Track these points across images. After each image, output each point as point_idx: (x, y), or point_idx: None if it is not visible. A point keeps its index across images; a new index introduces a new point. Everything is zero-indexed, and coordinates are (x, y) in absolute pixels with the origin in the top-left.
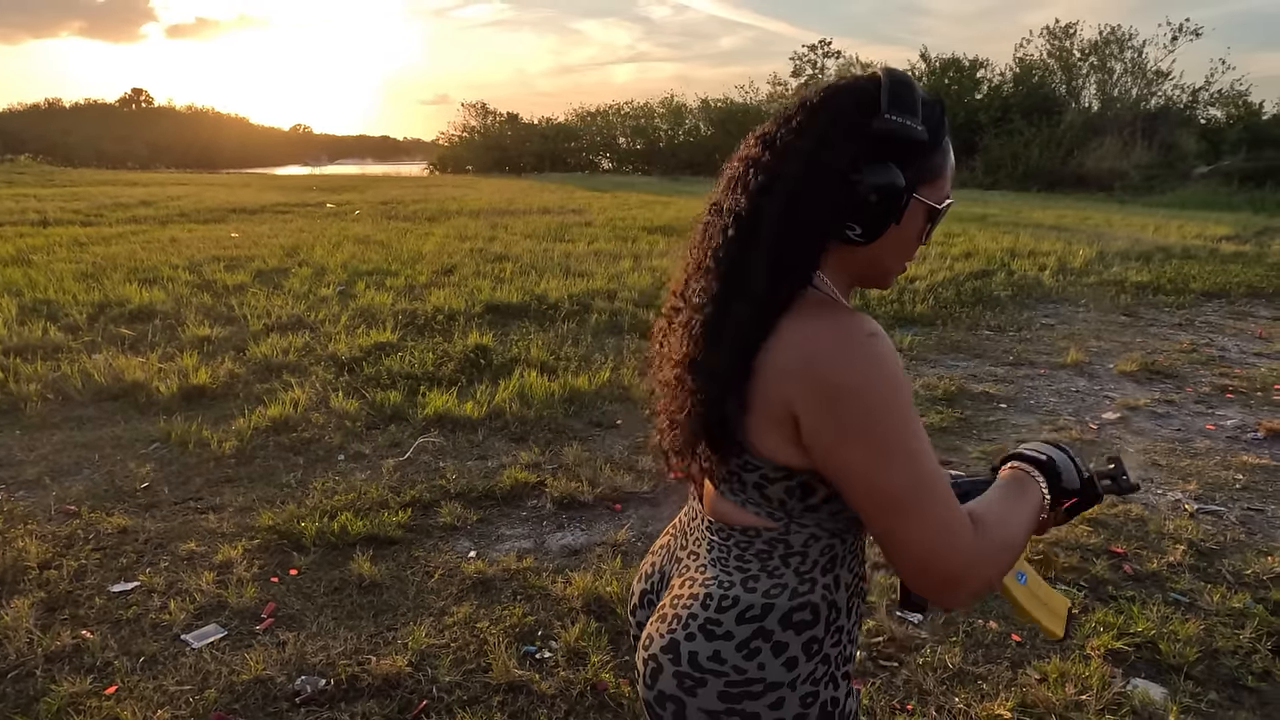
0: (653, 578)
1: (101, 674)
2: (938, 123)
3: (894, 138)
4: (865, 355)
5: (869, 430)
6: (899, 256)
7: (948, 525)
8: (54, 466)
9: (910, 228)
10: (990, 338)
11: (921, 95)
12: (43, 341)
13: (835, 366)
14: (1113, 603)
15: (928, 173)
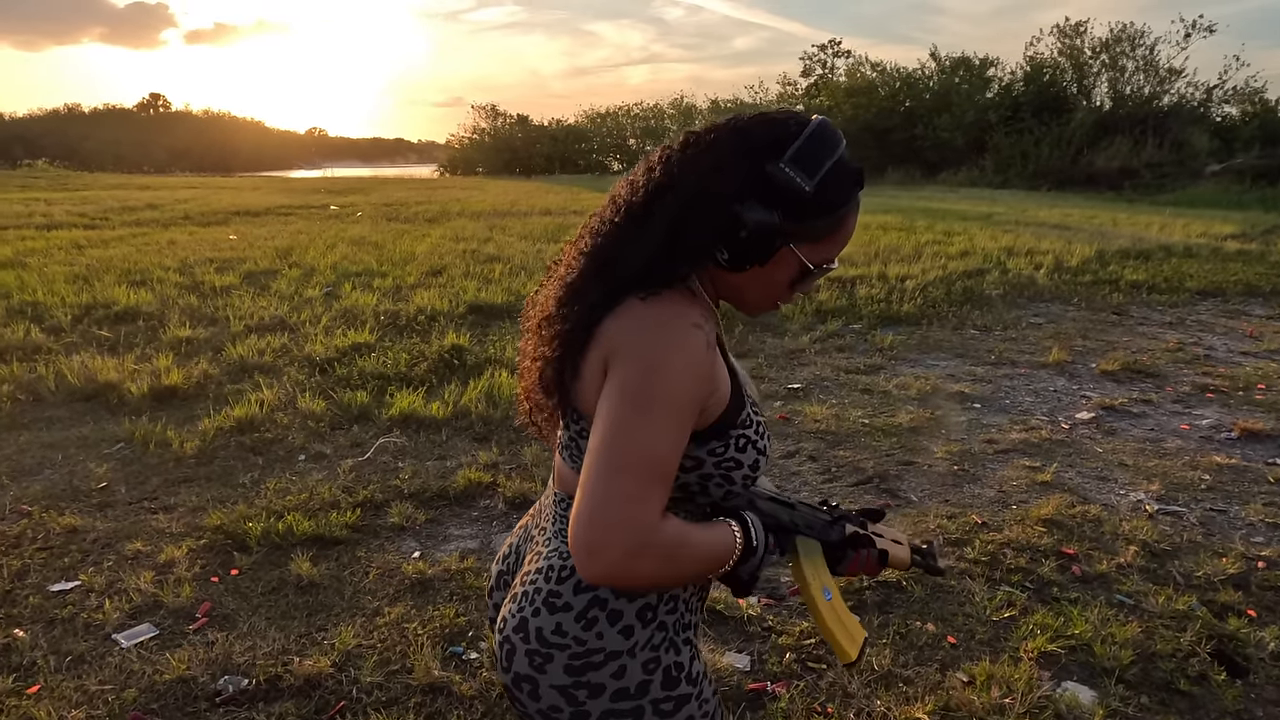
0: (509, 558)
1: (27, 673)
2: (840, 191)
3: (779, 186)
4: (673, 335)
5: (632, 390)
6: (764, 295)
7: (633, 501)
8: (16, 466)
9: (779, 274)
10: (975, 337)
11: (836, 160)
12: (23, 343)
13: (645, 332)
14: (1054, 604)
15: (810, 232)
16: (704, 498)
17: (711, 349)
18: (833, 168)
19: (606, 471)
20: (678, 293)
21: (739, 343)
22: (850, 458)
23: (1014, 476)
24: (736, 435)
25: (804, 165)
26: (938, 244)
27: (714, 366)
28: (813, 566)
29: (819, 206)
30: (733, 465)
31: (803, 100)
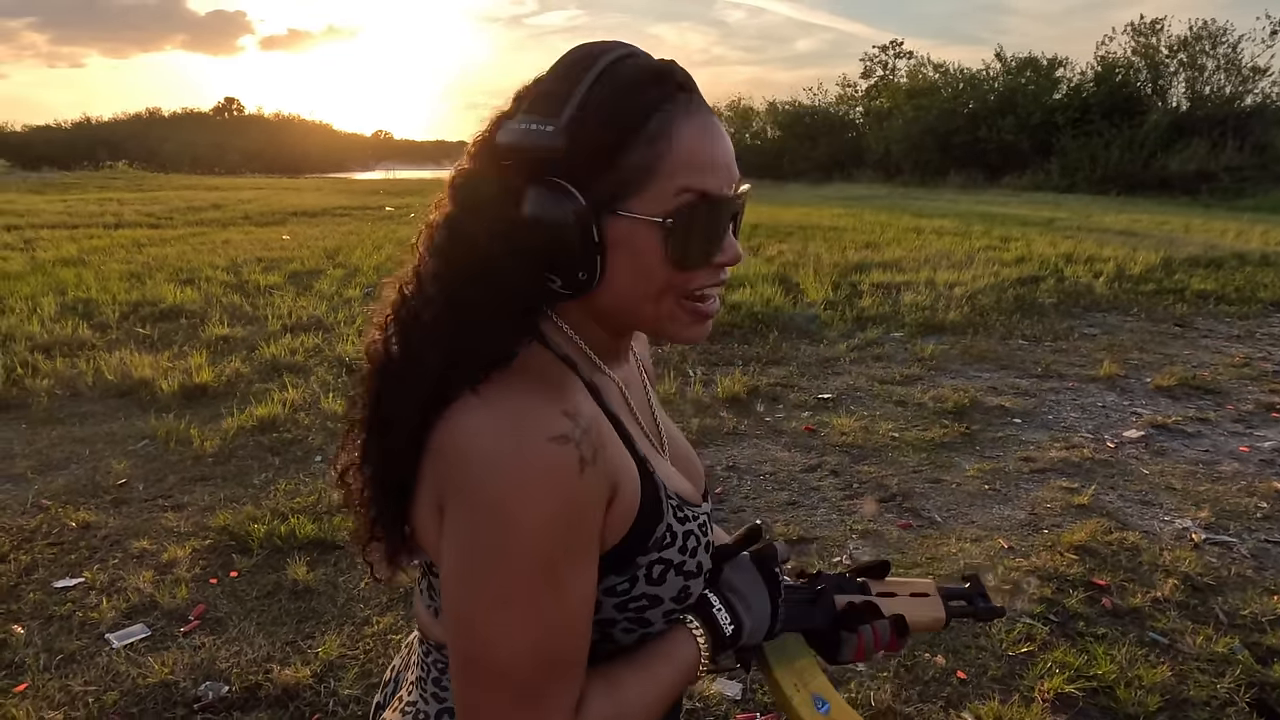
0: (387, 688)
1: (16, 671)
2: (621, 105)
3: (531, 151)
4: (524, 463)
5: (479, 562)
6: (653, 298)
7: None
8: (44, 461)
9: (639, 255)
10: (1023, 347)
11: (595, 78)
12: (70, 339)
13: (483, 463)
14: (1078, 640)
15: (630, 179)
16: (612, 645)
17: (589, 462)
18: (594, 87)
19: (476, 688)
20: (525, 370)
21: (772, 350)
22: (874, 473)
23: (1048, 498)
24: (650, 562)
25: (539, 109)
26: (992, 250)
27: (597, 485)
28: (792, 674)
29: (600, 144)
30: (646, 604)
31: (862, 101)
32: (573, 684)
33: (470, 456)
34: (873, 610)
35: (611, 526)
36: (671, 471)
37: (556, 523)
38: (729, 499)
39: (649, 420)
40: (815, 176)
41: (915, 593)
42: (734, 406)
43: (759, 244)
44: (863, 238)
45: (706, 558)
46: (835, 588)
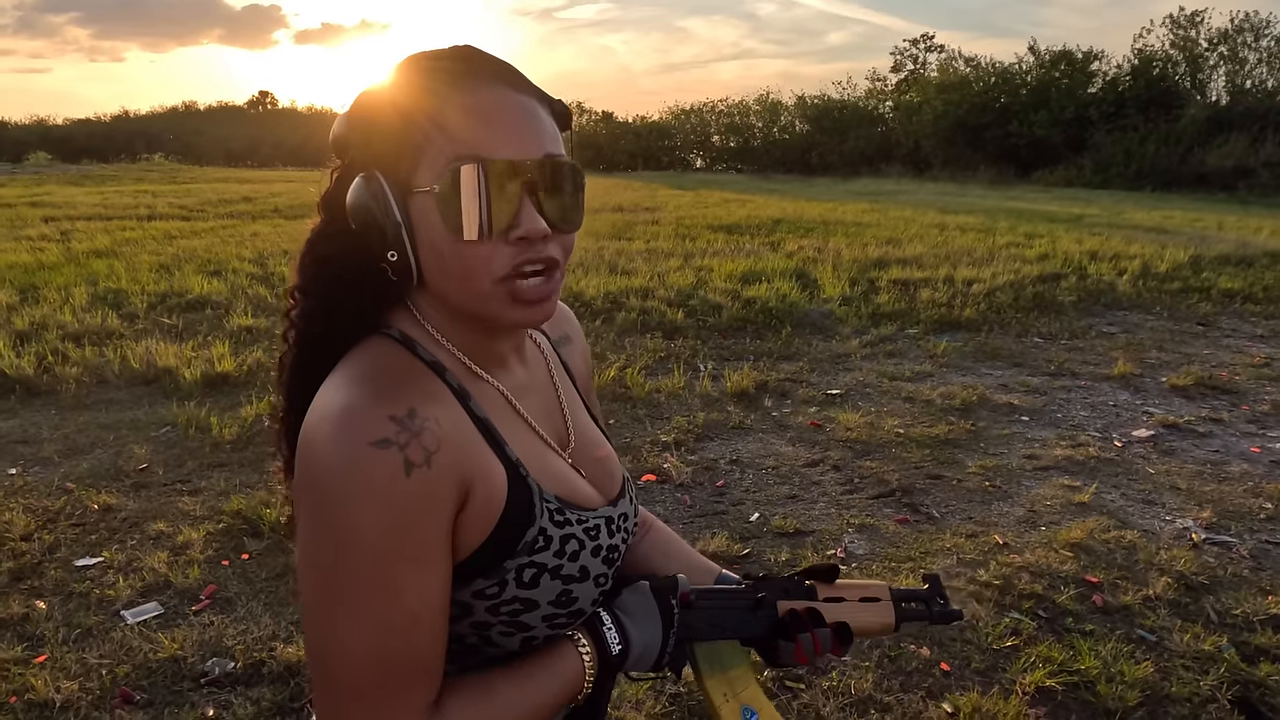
0: None
1: (37, 643)
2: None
3: (338, 146)
4: (347, 468)
5: (314, 562)
6: (463, 278)
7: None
8: (71, 446)
9: (430, 233)
10: (1037, 345)
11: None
12: (100, 328)
13: (312, 463)
14: (1064, 636)
15: (410, 158)
16: (494, 649)
17: (418, 465)
18: (386, 86)
19: (323, 689)
20: (372, 372)
21: (784, 345)
22: (876, 469)
23: (1049, 496)
24: (519, 566)
25: (352, 106)
26: (1016, 247)
27: (432, 487)
28: (723, 682)
29: (382, 126)
30: (520, 608)
31: (892, 96)
32: (419, 685)
33: (305, 457)
34: (815, 617)
35: (470, 528)
36: (565, 474)
37: (382, 527)
38: (730, 492)
39: (551, 425)
40: (843, 171)
41: (866, 596)
42: (741, 401)
43: (779, 239)
44: (885, 234)
45: (598, 562)
46: (781, 592)
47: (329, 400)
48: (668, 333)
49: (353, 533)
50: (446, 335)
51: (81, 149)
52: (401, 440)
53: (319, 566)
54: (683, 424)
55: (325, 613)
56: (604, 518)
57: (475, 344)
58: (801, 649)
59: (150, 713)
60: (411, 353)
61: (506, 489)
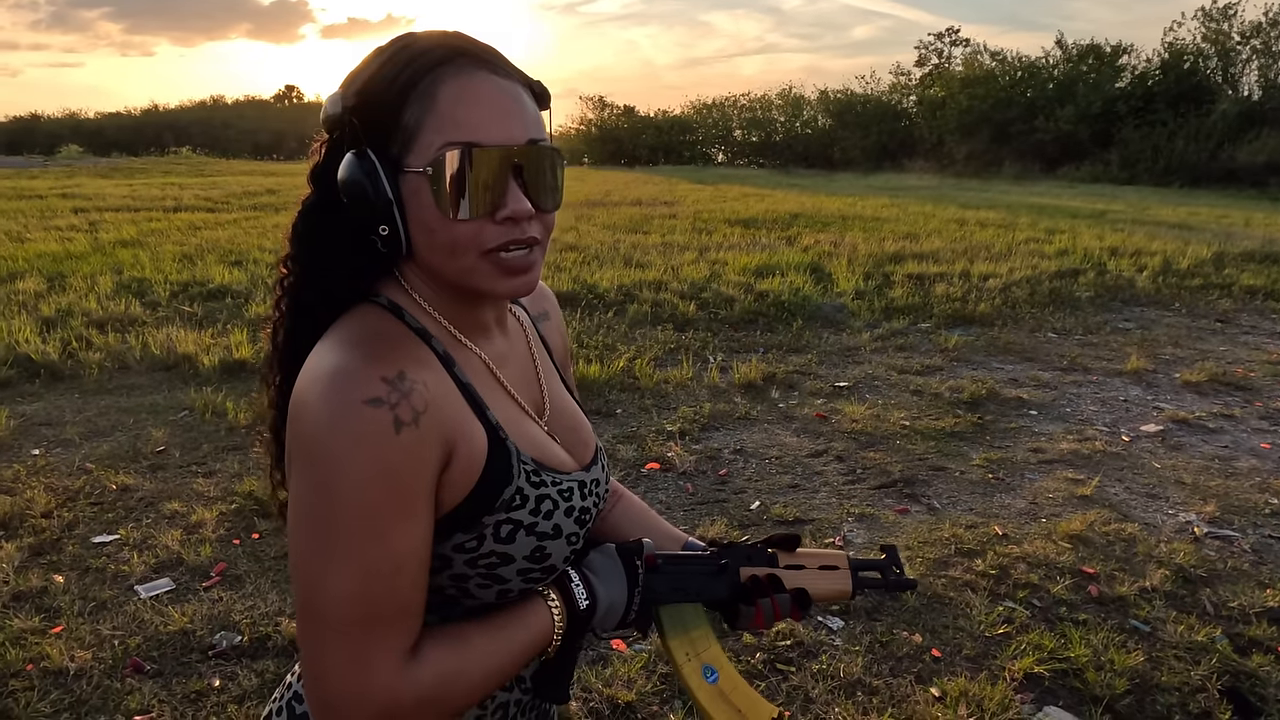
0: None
1: (54, 615)
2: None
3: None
4: (339, 422)
5: (305, 512)
6: (450, 252)
7: (352, 666)
8: (92, 428)
9: (420, 210)
10: (1051, 340)
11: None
12: (123, 315)
13: (306, 418)
14: (1057, 625)
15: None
16: (472, 600)
17: (407, 423)
18: (386, 62)
19: (309, 628)
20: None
21: (795, 338)
22: (879, 460)
23: (1051, 488)
24: (497, 522)
25: (343, 82)
26: (1035, 242)
27: (420, 445)
28: (686, 642)
29: (380, 106)
30: (496, 561)
31: (916, 90)
32: (399, 628)
33: (298, 415)
34: (775, 583)
35: (452, 485)
36: (541, 439)
37: (371, 479)
38: (732, 481)
39: (529, 393)
40: (865, 166)
41: (824, 565)
42: (749, 392)
43: (796, 234)
44: (903, 228)
45: (570, 521)
46: (744, 559)
47: (321, 362)
48: (679, 325)
49: (344, 484)
50: (432, 304)
51: (112, 142)
52: (392, 400)
53: (311, 516)
54: (689, 414)
55: (316, 558)
56: (577, 481)
57: (460, 313)
58: (761, 613)
59: (159, 682)
60: (399, 319)
61: (486, 450)
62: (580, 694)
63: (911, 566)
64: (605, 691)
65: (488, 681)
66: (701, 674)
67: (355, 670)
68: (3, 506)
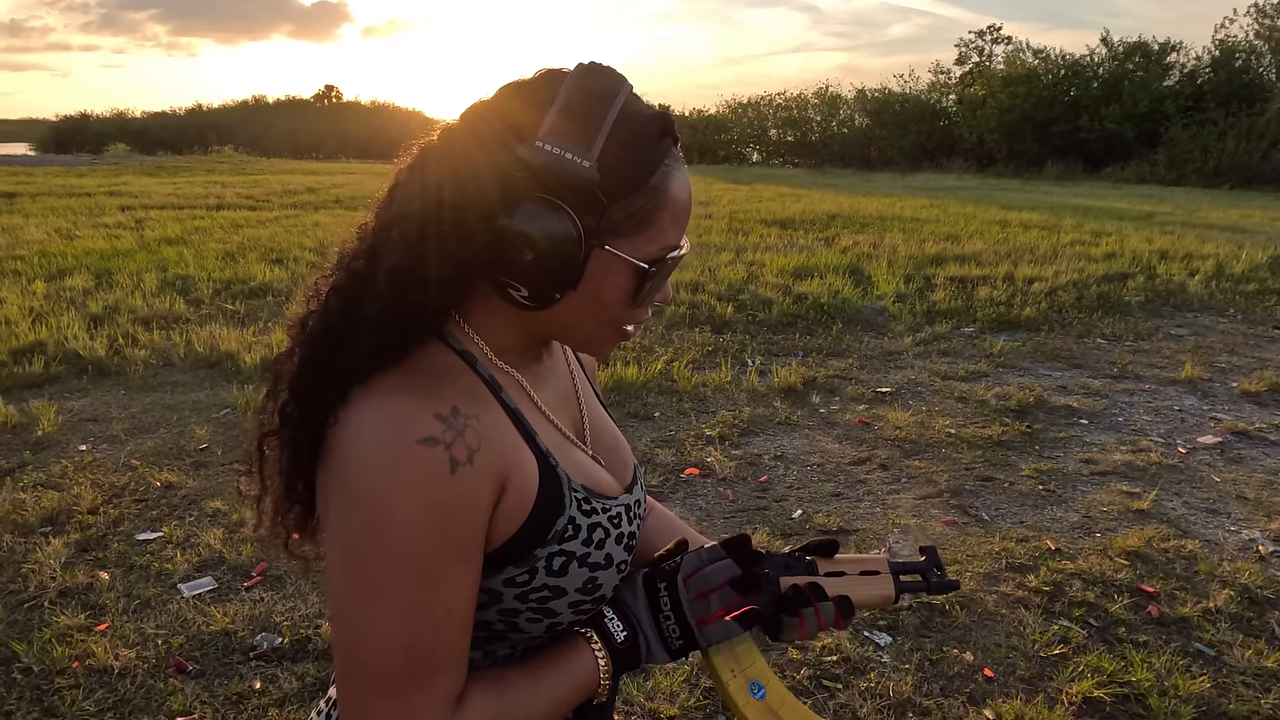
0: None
1: (99, 612)
2: (640, 153)
3: (547, 175)
4: (391, 465)
5: (350, 558)
6: (599, 323)
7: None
8: (137, 425)
9: (605, 291)
10: (1100, 347)
11: (619, 115)
12: (168, 313)
13: (353, 464)
14: (1117, 646)
15: (626, 222)
16: (519, 634)
17: (462, 463)
18: (616, 127)
19: (351, 679)
20: (415, 367)
21: (835, 341)
22: (924, 469)
23: (1105, 501)
24: (549, 554)
25: (570, 136)
26: (1081, 245)
27: (475, 484)
28: (730, 657)
29: (617, 185)
30: (549, 595)
31: (956, 90)
32: (448, 679)
33: (346, 455)
34: (816, 591)
35: (504, 519)
36: (587, 464)
37: (424, 523)
38: (773, 488)
39: (568, 414)
40: (904, 166)
41: (865, 570)
42: (789, 397)
43: (834, 234)
44: (944, 229)
45: (620, 549)
46: (782, 568)
47: (369, 399)
48: (716, 327)
49: (394, 527)
50: (485, 330)
51: (157, 141)
52: (448, 439)
53: (355, 559)
54: (728, 418)
55: (360, 604)
56: (624, 505)
57: (516, 344)
58: (805, 623)
59: (201, 683)
60: (444, 344)
61: (538, 479)
62: (621, 707)
63: (961, 580)
64: (647, 705)
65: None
66: (748, 691)
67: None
68: (51, 502)
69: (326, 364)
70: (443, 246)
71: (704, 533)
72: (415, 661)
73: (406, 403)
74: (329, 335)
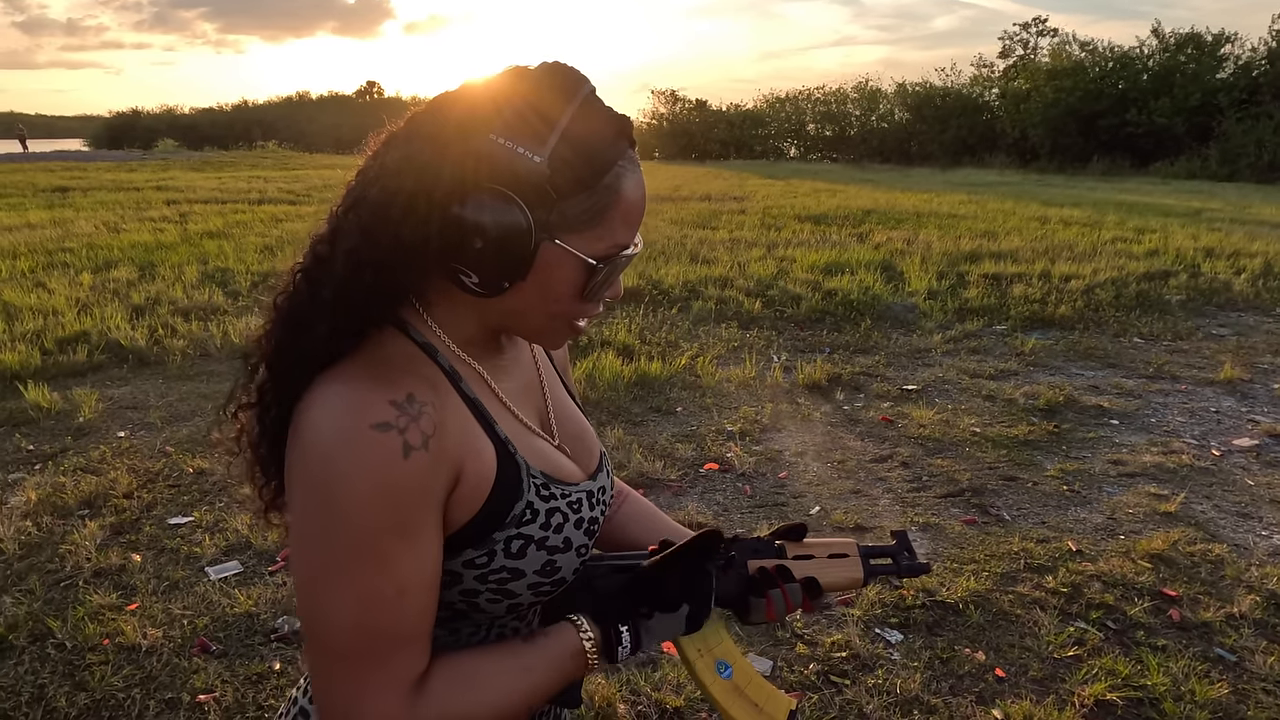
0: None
1: (130, 592)
2: (592, 154)
3: (502, 167)
4: (346, 448)
5: (308, 535)
6: (547, 315)
7: (355, 691)
8: (173, 413)
9: (554, 283)
10: (1136, 346)
11: (573, 115)
12: (207, 304)
13: (311, 444)
14: (1134, 650)
15: (577, 218)
16: (480, 614)
17: (416, 447)
18: (571, 125)
19: (312, 655)
20: (373, 356)
21: (862, 338)
22: (947, 467)
23: (1132, 503)
24: (508, 537)
25: (524, 132)
26: (1123, 242)
27: (429, 468)
28: (697, 638)
29: (569, 182)
30: (507, 576)
31: (999, 84)
32: (406, 658)
33: (304, 438)
34: (784, 574)
35: (462, 503)
36: (547, 451)
37: (376, 504)
38: (791, 485)
39: (531, 404)
40: (944, 161)
41: (834, 553)
42: (813, 393)
43: (868, 230)
44: (981, 226)
45: (579, 533)
46: (751, 552)
47: (329, 384)
48: (744, 322)
49: (347, 509)
50: (445, 323)
51: (205, 136)
52: (401, 424)
53: (313, 540)
54: (750, 414)
55: (317, 584)
56: (585, 491)
57: (475, 335)
58: (772, 604)
59: (224, 662)
60: (405, 335)
61: (496, 465)
62: (629, 697)
63: (976, 580)
64: (654, 695)
65: (516, 704)
66: (715, 670)
67: (355, 700)
68: (89, 486)
69: (294, 346)
70: (397, 231)
71: (721, 528)
72: (370, 640)
73: (363, 389)
74: (294, 317)
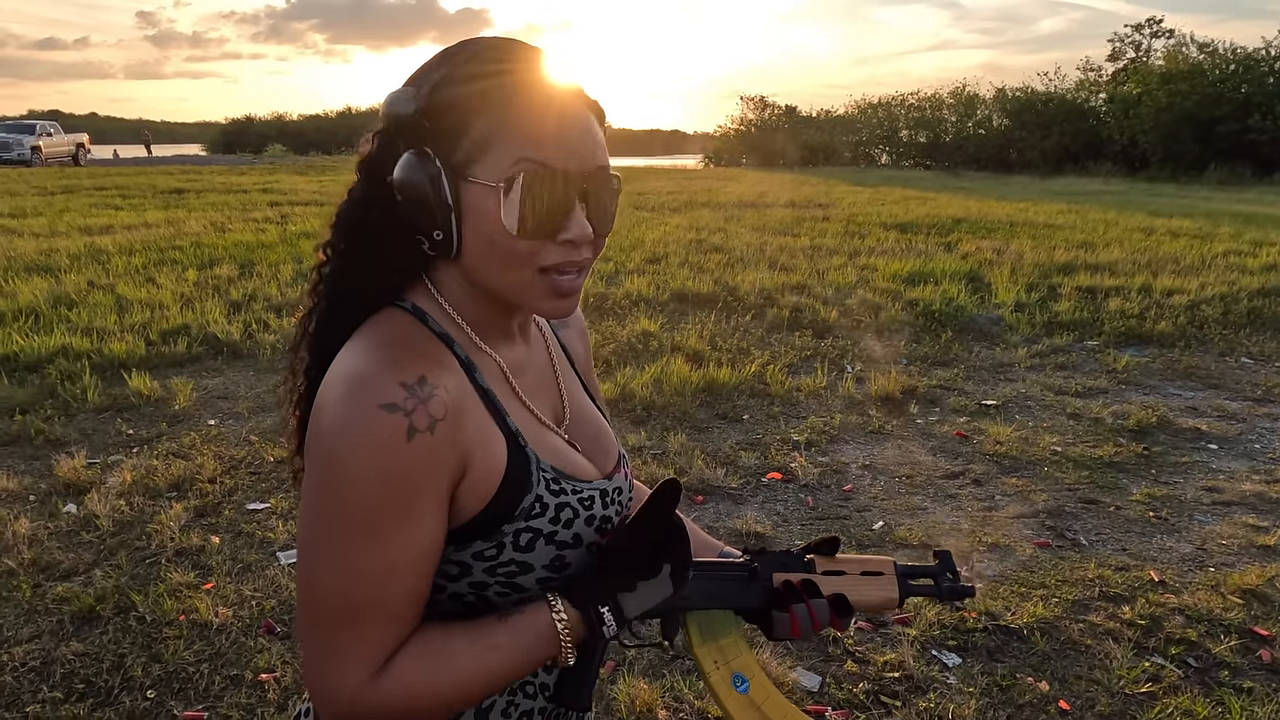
0: None
1: (207, 572)
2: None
3: (400, 122)
4: (352, 424)
5: (312, 506)
6: (504, 265)
7: (329, 658)
8: (260, 404)
9: (484, 220)
10: (1244, 366)
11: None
12: (298, 301)
13: (322, 417)
14: (1215, 690)
15: (475, 149)
16: (489, 608)
17: (421, 430)
18: (454, 61)
19: (299, 618)
20: (388, 338)
21: (942, 350)
22: (1022, 487)
23: (1226, 534)
24: (517, 530)
25: (412, 79)
26: (1236, 255)
27: (433, 453)
28: (714, 649)
29: (457, 118)
30: (516, 570)
31: (1107, 88)
32: (381, 633)
33: (317, 414)
34: (810, 589)
35: (472, 493)
36: (559, 447)
37: (373, 482)
38: (856, 498)
39: (547, 400)
40: (1044, 169)
41: (868, 570)
42: (886, 405)
43: (956, 239)
44: (1079, 236)
45: (591, 530)
46: (778, 565)
47: (345, 364)
48: (818, 331)
49: (346, 484)
50: (461, 308)
51: (310, 142)
52: (408, 406)
53: (313, 510)
54: (818, 424)
55: (312, 552)
56: (599, 490)
57: (489, 319)
58: (796, 619)
59: (287, 644)
60: (423, 324)
61: (506, 457)
62: (671, 703)
63: (1045, 606)
64: (697, 704)
65: (469, 696)
66: (730, 683)
67: (323, 666)
68: (178, 470)
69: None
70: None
71: (779, 538)
72: (350, 611)
73: (376, 370)
74: (317, 297)
